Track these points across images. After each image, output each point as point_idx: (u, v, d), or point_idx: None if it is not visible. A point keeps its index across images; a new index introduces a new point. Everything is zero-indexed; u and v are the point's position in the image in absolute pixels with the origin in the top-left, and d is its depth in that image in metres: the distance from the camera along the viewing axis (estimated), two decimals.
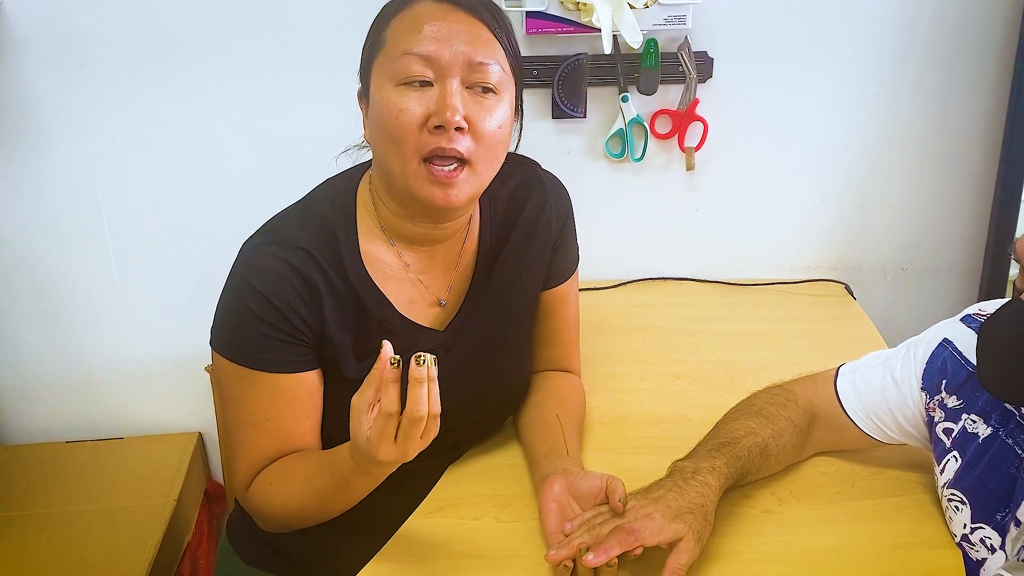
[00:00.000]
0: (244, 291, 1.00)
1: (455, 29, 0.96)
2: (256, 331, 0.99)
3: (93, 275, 1.80)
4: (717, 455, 1.03)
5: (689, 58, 1.63)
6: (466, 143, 0.96)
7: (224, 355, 1.02)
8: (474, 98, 0.97)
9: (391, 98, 0.96)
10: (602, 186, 1.76)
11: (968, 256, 1.81)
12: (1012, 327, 0.82)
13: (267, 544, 1.19)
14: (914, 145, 1.73)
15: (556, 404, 1.19)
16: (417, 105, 0.95)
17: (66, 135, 1.69)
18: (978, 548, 0.94)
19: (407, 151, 0.96)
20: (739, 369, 1.42)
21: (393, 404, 0.84)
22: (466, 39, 0.97)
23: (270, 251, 1.01)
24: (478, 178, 1.00)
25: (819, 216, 1.79)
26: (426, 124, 0.95)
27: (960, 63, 1.66)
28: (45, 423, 1.93)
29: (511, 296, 1.16)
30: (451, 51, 0.96)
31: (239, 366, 1.01)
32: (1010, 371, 0.83)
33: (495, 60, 0.98)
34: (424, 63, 0.96)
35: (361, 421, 0.87)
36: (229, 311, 1.02)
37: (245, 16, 1.62)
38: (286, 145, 1.69)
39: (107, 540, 1.63)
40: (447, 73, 0.96)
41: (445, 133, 0.95)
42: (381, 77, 0.98)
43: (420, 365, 0.83)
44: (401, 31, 0.98)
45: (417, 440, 0.87)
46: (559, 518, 0.98)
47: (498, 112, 0.99)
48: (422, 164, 0.97)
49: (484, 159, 0.99)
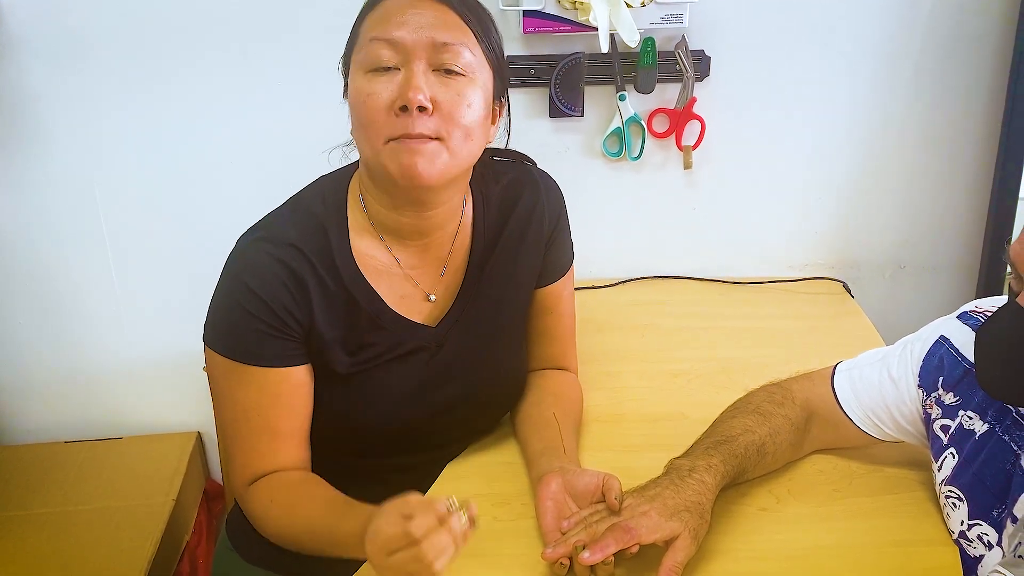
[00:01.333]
0: (234, 287, 1.01)
1: (422, 15, 0.97)
2: (245, 326, 1.00)
3: (92, 275, 1.81)
4: (714, 453, 1.03)
5: (686, 57, 1.63)
6: (433, 124, 0.96)
7: (215, 350, 1.03)
8: (440, 80, 0.98)
9: (360, 84, 0.98)
10: (600, 185, 1.76)
11: (965, 253, 1.81)
12: (1009, 329, 0.83)
13: (266, 541, 1.18)
14: (911, 143, 1.73)
15: (553, 402, 1.19)
16: (384, 89, 0.96)
17: (65, 135, 1.69)
18: (975, 544, 0.95)
19: (375, 134, 0.97)
20: (737, 367, 1.42)
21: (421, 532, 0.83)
22: (432, 23, 0.97)
23: (261, 247, 1.02)
24: (451, 155, 0.98)
25: (816, 214, 1.80)
26: (392, 107, 0.96)
27: (957, 60, 1.66)
28: (44, 423, 1.93)
29: (504, 293, 1.16)
30: (416, 34, 0.96)
31: (229, 360, 1.02)
32: (1009, 373, 0.84)
33: (462, 43, 0.98)
34: (391, 48, 0.97)
35: (392, 522, 0.84)
36: (220, 307, 1.03)
37: (243, 16, 1.62)
38: (284, 145, 1.69)
39: (106, 540, 1.63)
40: (412, 56, 0.96)
41: (410, 116, 0.95)
42: (354, 67, 1.00)
43: (460, 522, 0.84)
44: (372, 22, 0.99)
45: None
46: (556, 516, 0.98)
47: (467, 93, 0.98)
48: (390, 142, 0.97)
49: (454, 135, 0.98)
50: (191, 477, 1.83)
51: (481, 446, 1.21)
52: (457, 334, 1.13)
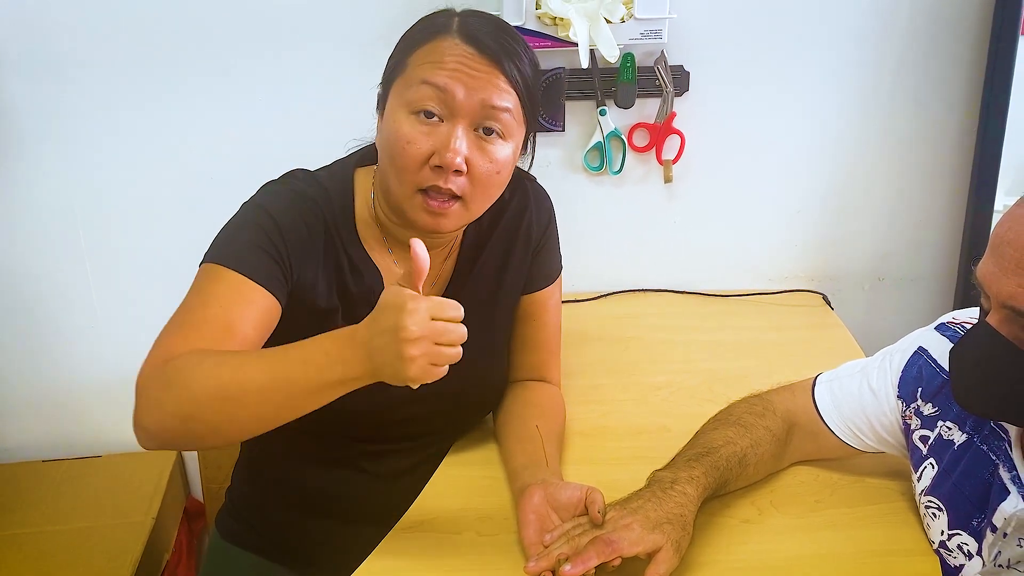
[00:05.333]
0: (250, 210, 1.05)
1: (474, 73, 0.99)
2: (248, 237, 1.01)
3: (70, 290, 1.79)
4: (696, 465, 1.03)
5: (666, 72, 1.64)
6: (461, 183, 1.01)
7: (206, 259, 1.01)
8: (478, 142, 1.01)
9: (402, 127, 1.00)
10: (581, 199, 1.77)
11: (943, 265, 1.83)
12: (981, 348, 0.84)
13: (260, 529, 1.23)
14: (889, 156, 1.75)
15: (536, 415, 1.19)
16: (424, 141, 0.99)
17: (43, 147, 1.68)
18: (955, 554, 0.95)
19: (407, 180, 1.01)
20: (718, 379, 1.43)
21: None
22: (483, 85, 0.99)
23: (285, 185, 1.07)
24: (469, 212, 1.05)
25: (796, 227, 1.81)
26: (429, 160, 1.00)
27: (932, 74, 1.68)
28: (21, 441, 1.90)
29: (489, 297, 1.19)
30: (466, 92, 0.99)
31: (215, 264, 0.99)
32: (983, 389, 0.86)
33: (507, 108, 1.01)
34: (439, 97, 0.99)
35: None
36: (228, 226, 1.04)
37: (223, 29, 1.62)
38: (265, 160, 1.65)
39: (84, 559, 1.60)
40: (457, 113, 0.99)
41: (444, 173, 0.99)
42: (397, 100, 1.02)
43: None
44: (424, 60, 1.01)
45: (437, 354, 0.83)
46: (538, 529, 0.98)
47: (499, 157, 1.03)
48: (418, 193, 1.01)
49: (477, 198, 1.04)
50: (171, 495, 1.82)
51: (465, 461, 1.21)
52: None
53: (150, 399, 0.91)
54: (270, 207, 1.03)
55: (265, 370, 0.87)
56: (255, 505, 1.24)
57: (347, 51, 1.62)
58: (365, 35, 1.54)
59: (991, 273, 0.83)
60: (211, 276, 0.99)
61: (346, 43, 1.62)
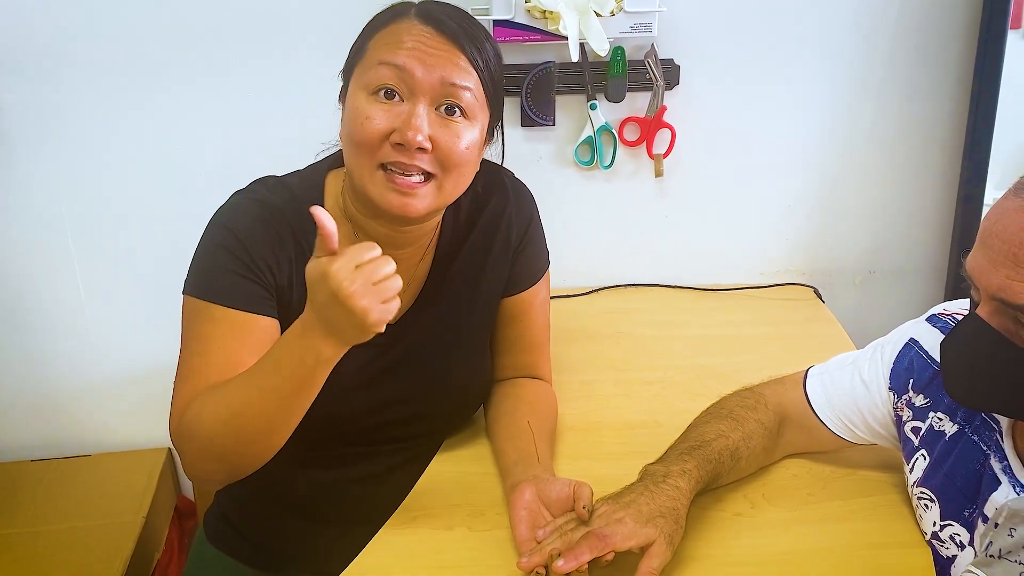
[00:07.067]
0: (215, 232, 1.04)
1: (434, 52, 0.98)
2: (221, 265, 1.01)
3: (59, 290, 1.78)
4: (688, 458, 1.03)
5: (656, 65, 1.64)
6: (427, 162, 0.99)
7: (189, 292, 1.02)
8: (441, 120, 1.00)
9: (361, 105, 0.99)
10: (572, 193, 1.76)
11: (934, 257, 1.84)
12: (971, 340, 0.85)
13: (244, 535, 1.22)
14: (879, 150, 1.75)
15: (527, 411, 1.19)
16: (383, 117, 0.98)
17: (31, 148, 1.67)
18: (948, 545, 0.95)
19: (367, 157, 0.99)
20: (710, 374, 1.43)
21: None
22: (442, 63, 0.98)
23: (248, 200, 1.06)
24: (442, 193, 1.02)
25: (787, 221, 1.81)
26: (389, 138, 0.98)
27: (922, 69, 1.69)
28: (10, 442, 1.89)
29: (466, 297, 1.17)
30: (424, 70, 0.98)
31: (201, 300, 1.01)
32: (973, 381, 0.86)
33: (467, 86, 1.00)
34: (397, 75, 0.98)
35: None
36: (199, 253, 1.04)
37: (214, 35, 1.61)
38: (255, 159, 1.64)
39: (75, 559, 1.60)
40: (417, 92, 0.98)
41: (407, 151, 0.98)
42: (356, 84, 1.01)
43: None
44: (382, 43, 1.00)
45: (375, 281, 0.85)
46: (530, 525, 0.98)
47: (465, 135, 1.01)
48: (380, 169, 0.99)
49: (450, 177, 1.01)
50: (161, 494, 1.81)
51: (456, 458, 1.20)
52: (414, 333, 1.13)
53: (184, 454, 0.99)
54: (232, 224, 1.03)
55: (252, 387, 0.93)
56: (244, 507, 1.23)
57: (339, 54, 1.60)
58: None
59: (980, 265, 0.83)
60: (201, 317, 1.01)
61: (338, 46, 1.60)
